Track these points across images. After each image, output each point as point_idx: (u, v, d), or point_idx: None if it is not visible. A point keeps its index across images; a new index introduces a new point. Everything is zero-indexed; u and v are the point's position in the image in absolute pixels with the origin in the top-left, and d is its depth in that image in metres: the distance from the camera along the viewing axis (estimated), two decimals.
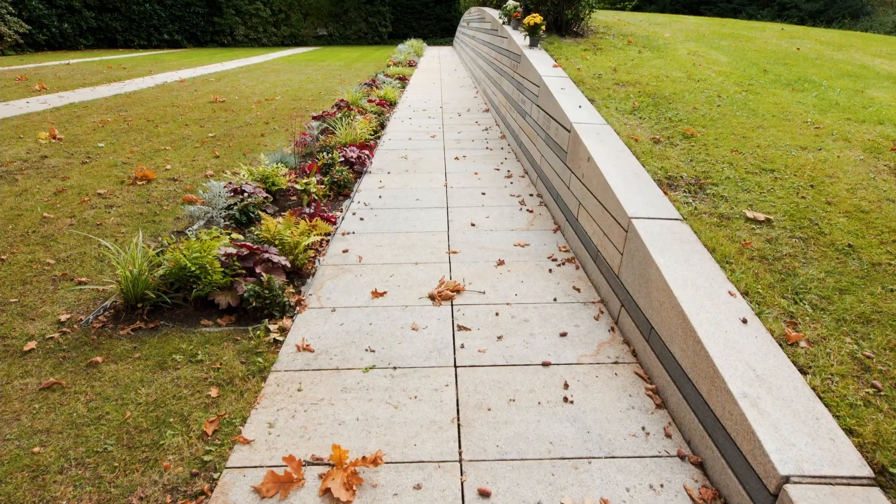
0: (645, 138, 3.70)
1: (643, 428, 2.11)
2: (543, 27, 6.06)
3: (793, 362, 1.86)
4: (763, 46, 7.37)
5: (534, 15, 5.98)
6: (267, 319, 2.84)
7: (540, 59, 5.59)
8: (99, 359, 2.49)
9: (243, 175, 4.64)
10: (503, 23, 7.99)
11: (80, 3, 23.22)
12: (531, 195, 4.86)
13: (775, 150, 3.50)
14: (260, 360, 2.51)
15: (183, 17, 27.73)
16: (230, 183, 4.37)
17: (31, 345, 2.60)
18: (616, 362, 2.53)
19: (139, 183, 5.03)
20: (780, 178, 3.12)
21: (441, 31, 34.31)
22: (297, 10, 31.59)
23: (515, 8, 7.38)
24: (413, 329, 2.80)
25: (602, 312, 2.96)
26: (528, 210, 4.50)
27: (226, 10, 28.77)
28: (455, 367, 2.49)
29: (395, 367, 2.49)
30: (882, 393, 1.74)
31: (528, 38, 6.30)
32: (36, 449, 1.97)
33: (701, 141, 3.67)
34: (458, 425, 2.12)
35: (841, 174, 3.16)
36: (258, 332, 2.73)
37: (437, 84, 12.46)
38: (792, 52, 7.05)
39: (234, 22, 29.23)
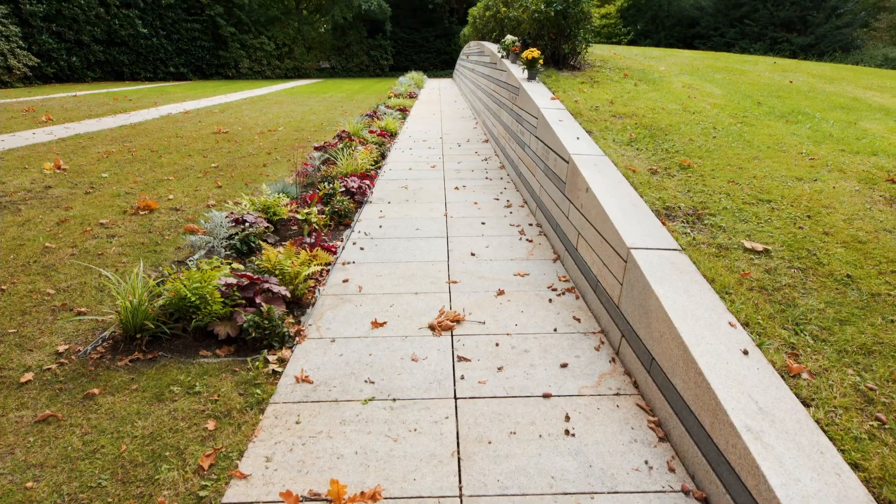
0: (642, 169, 3.75)
1: (646, 462, 2.08)
2: (541, 61, 6.21)
3: (795, 394, 1.85)
4: (756, 79, 7.53)
5: (532, 49, 6.13)
6: (266, 350, 2.83)
7: (538, 92, 5.70)
8: (96, 390, 2.47)
9: (245, 205, 4.68)
10: (502, 56, 8.18)
11: (90, 38, 23.78)
12: (530, 225, 4.89)
13: (771, 180, 3.55)
14: (258, 391, 2.49)
15: (189, 50, 28.37)
16: (232, 213, 4.40)
17: (28, 376, 2.58)
18: (617, 394, 2.51)
19: (141, 213, 5.07)
20: (777, 209, 3.15)
21: (441, 63, 35.08)
22: (300, 43, 32.36)
23: (514, 42, 7.57)
24: (413, 360, 2.79)
25: (603, 343, 2.95)
26: (527, 240, 4.53)
27: (231, 44, 29.46)
28: (455, 398, 2.47)
29: (394, 399, 2.46)
30: (887, 426, 1.72)
31: (526, 71, 6.44)
32: (29, 484, 1.94)
33: (698, 172, 3.71)
34: (459, 459, 2.09)
35: (837, 205, 3.19)
36: (257, 363, 2.71)
37: (438, 115, 12.67)
38: (785, 84, 7.20)
39: (239, 55, 29.89)
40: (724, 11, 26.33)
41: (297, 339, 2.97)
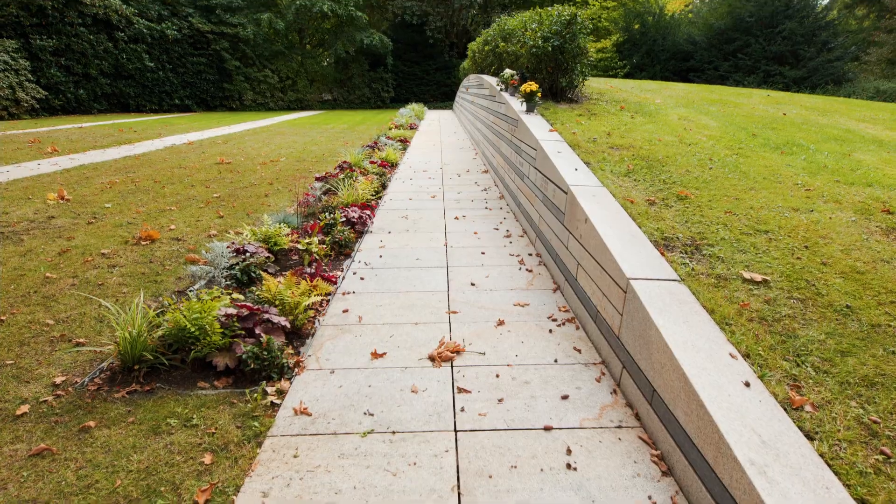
0: (640, 200, 3.79)
1: (649, 497, 2.04)
2: (539, 94, 6.34)
3: (799, 427, 1.83)
4: (750, 112, 7.67)
5: (530, 83, 6.27)
6: (265, 381, 2.81)
7: (536, 124, 5.80)
8: (92, 423, 2.44)
9: (246, 235, 4.71)
10: (501, 89, 8.35)
11: (97, 71, 24.30)
12: (530, 255, 4.91)
13: (768, 211, 3.58)
14: (256, 424, 2.47)
15: (194, 83, 28.95)
16: (233, 243, 4.43)
17: (24, 409, 2.55)
18: (619, 426, 2.48)
19: (143, 243, 5.10)
20: (775, 239, 3.17)
21: (441, 95, 35.74)
22: (303, 77, 33.04)
23: (512, 76, 7.74)
24: (413, 391, 2.76)
25: (604, 374, 2.93)
26: (527, 269, 4.54)
27: (236, 77, 30.07)
28: (455, 431, 2.44)
29: (393, 432, 2.43)
30: (892, 460, 1.70)
31: (524, 103, 6.57)
32: None
33: (695, 202, 3.75)
34: (459, 494, 2.05)
35: (834, 235, 3.21)
36: (255, 394, 2.69)
37: (438, 146, 12.85)
38: (779, 117, 7.33)
39: (244, 88, 30.49)
40: (718, 46, 26.97)
41: (296, 370, 2.95)
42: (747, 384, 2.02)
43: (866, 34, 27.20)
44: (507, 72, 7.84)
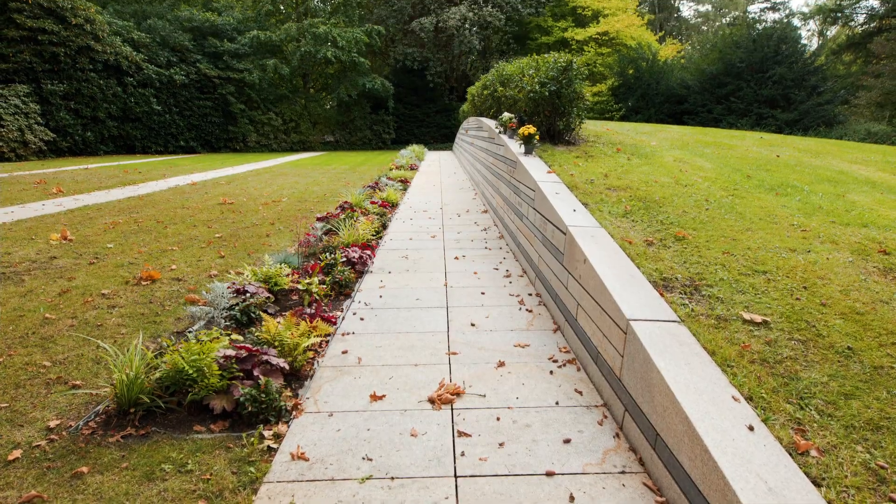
0: (638, 240, 3.83)
1: None
2: (537, 136, 6.48)
3: (805, 473, 1.80)
4: (744, 153, 7.82)
5: (528, 126, 6.42)
6: (262, 425, 2.76)
7: (535, 166, 5.91)
8: (84, 469, 2.40)
9: (247, 275, 4.73)
10: (499, 132, 8.54)
11: (105, 114, 24.89)
12: (530, 294, 4.91)
13: (765, 252, 3.61)
14: (252, 469, 2.42)
15: (200, 125, 29.60)
16: (233, 283, 4.44)
17: (17, 453, 2.51)
18: (623, 472, 2.43)
19: (143, 283, 5.11)
20: (773, 280, 3.19)
21: (441, 137, 36.46)
22: (306, 119, 33.80)
23: (511, 119, 7.93)
24: (412, 435, 2.72)
25: (606, 417, 2.89)
26: (527, 310, 4.53)
27: (240, 120, 30.77)
28: (455, 477, 2.39)
29: (392, 478, 2.38)
30: None
31: (522, 146, 6.71)
32: None
33: (693, 243, 3.79)
34: None
35: (832, 276, 3.23)
36: (252, 438, 2.64)
37: (438, 186, 13.03)
38: (772, 158, 7.47)
39: (248, 130, 31.15)
40: (710, 90, 27.71)
41: (293, 413, 2.91)
42: (751, 428, 1.99)
43: (854, 78, 27.99)
44: (506, 115, 8.05)
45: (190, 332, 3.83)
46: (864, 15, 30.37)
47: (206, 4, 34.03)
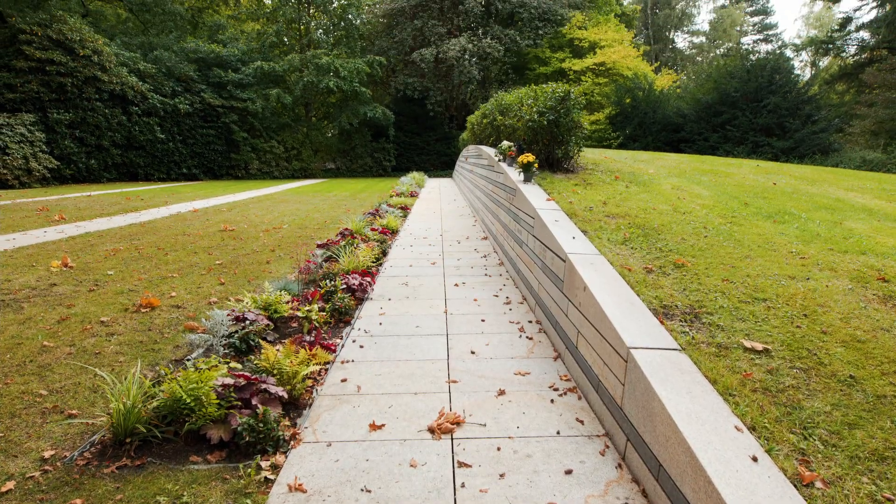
0: (637, 268, 3.84)
1: None
2: (536, 164, 6.56)
3: None
4: (742, 181, 7.90)
5: (527, 154, 6.51)
6: (259, 455, 2.72)
7: (534, 193, 5.97)
8: (78, 501, 2.35)
9: (246, 303, 4.72)
10: (499, 160, 8.64)
11: (109, 142, 25.18)
12: (530, 322, 4.90)
13: (765, 279, 3.62)
14: (248, 502, 2.37)
15: (203, 153, 29.92)
16: (233, 310, 4.43)
17: (10, 485, 2.47)
18: None
19: (143, 310, 5.10)
20: (773, 307, 3.19)
21: (441, 164, 36.82)
22: (308, 147, 34.21)
23: (510, 147, 8.04)
24: (411, 465, 2.68)
25: (608, 447, 2.85)
26: (527, 337, 4.52)
27: (243, 148, 31.14)
28: None
29: None
30: None
31: (522, 173, 6.78)
32: None
33: (692, 270, 3.80)
34: None
35: (832, 303, 3.23)
36: (249, 469, 2.60)
37: (438, 213, 13.11)
38: (769, 186, 7.54)
39: (250, 157, 31.49)
40: (706, 118, 28.12)
41: (291, 442, 2.88)
42: (755, 459, 1.97)
43: (848, 107, 28.46)
44: (505, 143, 8.15)
45: (188, 359, 3.81)
46: (856, 46, 31.06)
47: (211, 37, 34.81)
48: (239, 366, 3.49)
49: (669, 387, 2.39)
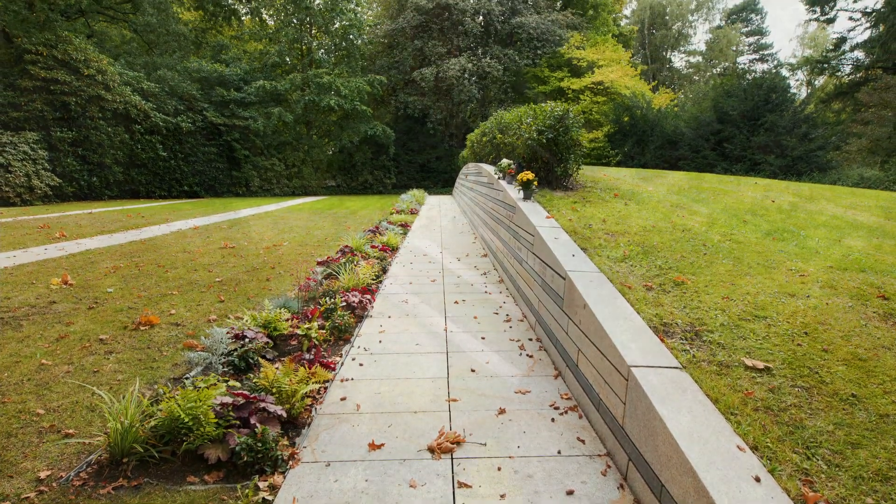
0: (637, 285, 3.84)
1: None
2: (535, 182, 6.60)
3: None
4: (740, 199, 7.94)
5: (526, 172, 6.55)
6: (257, 475, 2.70)
7: (533, 211, 5.99)
8: None
9: (246, 320, 4.71)
10: (498, 177, 8.70)
11: (112, 160, 25.35)
12: (530, 339, 4.88)
13: (765, 296, 3.62)
14: None
15: (204, 171, 30.10)
16: (232, 328, 4.42)
17: None
18: None
19: (142, 328, 5.09)
20: (774, 325, 3.18)
21: (441, 181, 37.01)
22: (309, 164, 34.43)
23: (509, 165, 8.10)
24: (411, 486, 2.65)
25: (609, 467, 2.82)
26: (527, 355, 4.50)
27: (244, 165, 31.35)
28: None
29: None
30: None
31: (521, 191, 6.82)
32: None
33: (692, 288, 3.80)
34: None
35: (833, 321, 3.23)
36: (247, 490, 2.57)
37: (438, 230, 13.14)
38: (768, 203, 7.58)
39: (251, 175, 31.68)
40: (704, 137, 28.35)
41: (290, 462, 2.85)
42: (758, 479, 1.95)
43: (845, 126, 28.70)
44: (505, 161, 8.22)
45: (187, 378, 3.78)
46: (850, 66, 31.47)
47: (214, 56, 35.26)
48: (238, 384, 3.48)
49: (671, 406, 2.38)
